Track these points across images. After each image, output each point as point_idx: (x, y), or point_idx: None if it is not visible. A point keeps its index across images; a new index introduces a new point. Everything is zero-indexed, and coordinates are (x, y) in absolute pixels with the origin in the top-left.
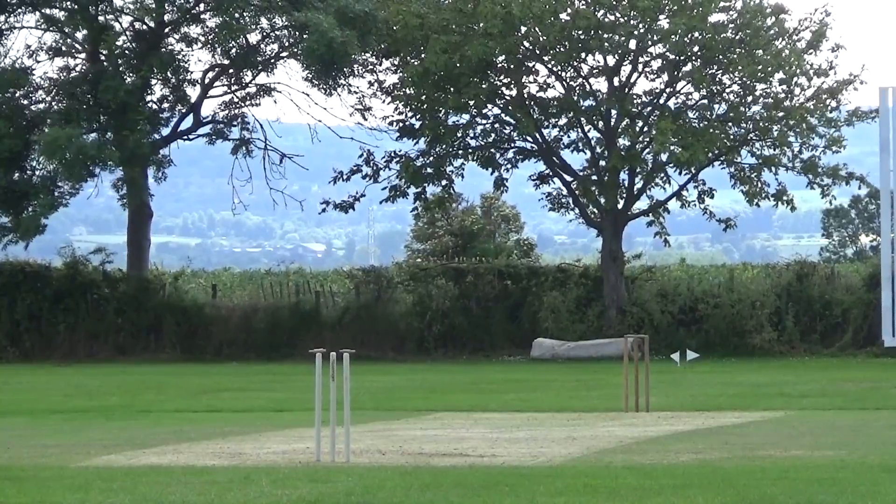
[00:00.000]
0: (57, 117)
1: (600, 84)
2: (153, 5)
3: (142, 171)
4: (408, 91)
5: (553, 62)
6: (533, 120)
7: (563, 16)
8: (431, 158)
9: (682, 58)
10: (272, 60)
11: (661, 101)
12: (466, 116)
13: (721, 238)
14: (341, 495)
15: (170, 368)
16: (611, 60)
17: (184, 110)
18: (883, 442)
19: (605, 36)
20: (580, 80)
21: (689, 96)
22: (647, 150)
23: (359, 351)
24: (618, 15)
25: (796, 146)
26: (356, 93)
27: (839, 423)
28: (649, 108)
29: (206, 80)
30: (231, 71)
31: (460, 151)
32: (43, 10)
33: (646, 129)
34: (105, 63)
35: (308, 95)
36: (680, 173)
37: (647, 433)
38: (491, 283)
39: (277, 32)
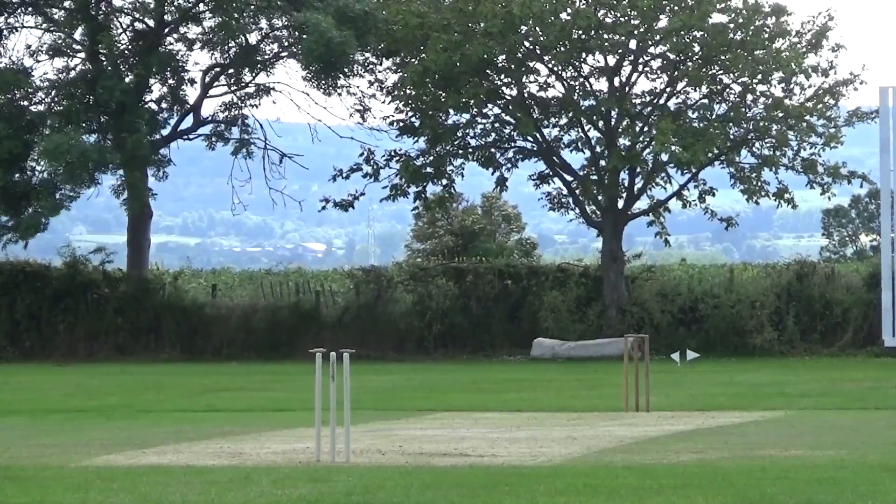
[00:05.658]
0: (56, 119)
1: (600, 84)
2: (152, 5)
3: (142, 172)
4: (408, 90)
5: (553, 62)
6: (533, 120)
7: (564, 15)
8: (431, 158)
9: (682, 58)
10: (272, 60)
11: (662, 101)
12: (466, 116)
13: (721, 238)
14: (341, 495)
15: (170, 368)
16: (611, 60)
17: (183, 111)
18: (883, 442)
19: (606, 36)
20: (580, 79)
21: (689, 96)
22: (648, 150)
23: (359, 351)
24: (618, 14)
25: (795, 145)
26: (355, 94)
27: (839, 423)
28: (649, 108)
29: (206, 80)
30: (231, 71)
31: (460, 151)
32: (43, 11)
33: (646, 129)
34: (104, 63)
35: (308, 95)
36: (681, 173)
37: (647, 433)
38: (491, 283)
39: (277, 32)
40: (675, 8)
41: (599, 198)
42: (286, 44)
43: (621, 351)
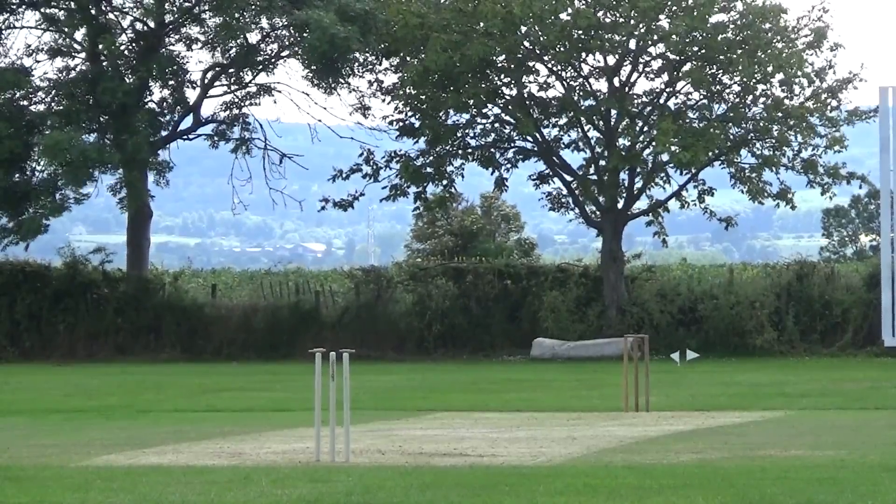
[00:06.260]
0: (56, 118)
1: (600, 84)
2: (153, 5)
3: (141, 173)
4: (408, 90)
5: (553, 62)
6: (533, 120)
7: (564, 16)
8: (431, 158)
9: (682, 58)
10: (272, 60)
11: (661, 101)
12: (466, 116)
13: (721, 238)
14: (341, 495)
15: (170, 368)
16: (611, 60)
17: (183, 111)
18: (883, 442)
19: (606, 36)
20: (580, 79)
21: (689, 96)
22: (648, 150)
23: (359, 351)
24: (618, 15)
25: (796, 146)
26: (356, 91)
27: (839, 423)
28: (649, 108)
29: (206, 80)
30: (231, 71)
31: (460, 151)
32: (43, 10)
33: (646, 129)
34: (105, 63)
35: (308, 95)
36: (680, 173)
37: (647, 433)
38: (491, 283)
39: (277, 32)
40: (676, 9)
41: (599, 198)
42: (287, 43)
43: (621, 351)
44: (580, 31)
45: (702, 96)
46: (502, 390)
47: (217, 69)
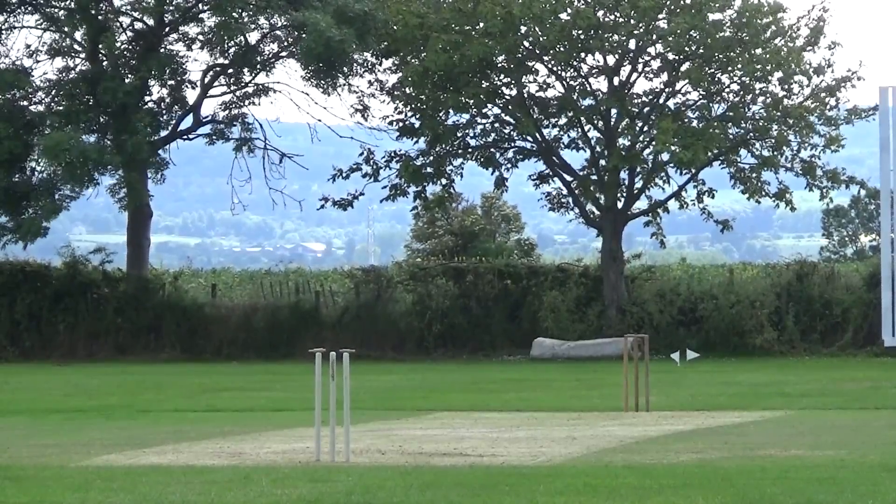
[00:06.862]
0: (56, 118)
1: (600, 83)
2: (153, 4)
3: (141, 174)
4: (408, 91)
5: (553, 62)
6: (533, 119)
7: (563, 16)
8: (431, 158)
9: (681, 57)
10: (271, 60)
11: (661, 101)
12: (466, 116)
13: (721, 238)
14: (341, 495)
15: (170, 368)
16: (611, 60)
17: (182, 111)
18: (883, 441)
19: (605, 36)
20: (580, 79)
21: (689, 96)
22: (647, 149)
23: (359, 350)
24: (618, 15)
25: (795, 145)
26: (356, 92)
27: (839, 423)
28: (649, 108)
29: (206, 80)
30: (230, 71)
31: (460, 151)
32: (43, 10)
33: (646, 128)
34: (105, 63)
35: (307, 95)
36: (680, 173)
37: (647, 433)
38: (491, 283)
39: (276, 32)
40: (675, 8)
41: (599, 198)
42: (286, 43)
43: (621, 351)
44: (580, 31)
45: (700, 96)
46: (502, 390)
47: (216, 69)
